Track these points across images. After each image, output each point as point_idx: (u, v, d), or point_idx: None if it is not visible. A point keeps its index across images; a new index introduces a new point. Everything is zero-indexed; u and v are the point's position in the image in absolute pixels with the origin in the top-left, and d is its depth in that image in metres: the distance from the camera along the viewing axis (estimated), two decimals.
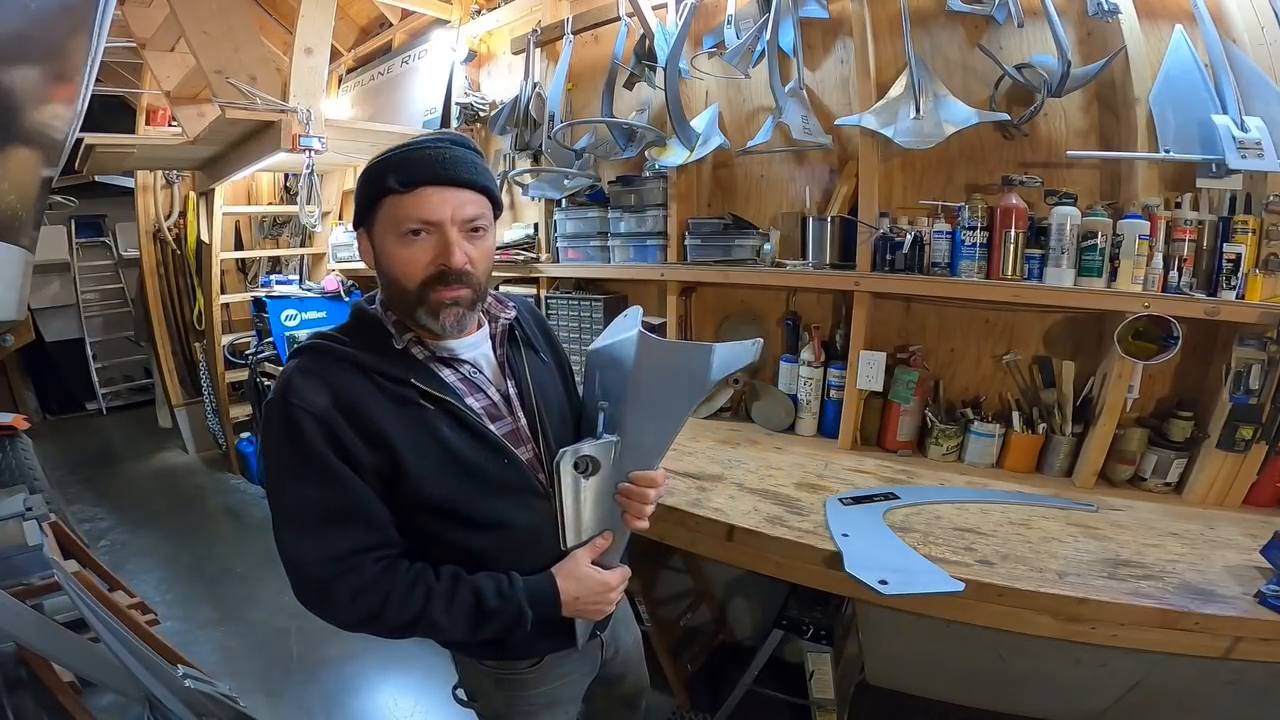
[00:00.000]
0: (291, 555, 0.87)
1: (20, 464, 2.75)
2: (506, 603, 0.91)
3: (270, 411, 0.88)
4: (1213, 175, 1.41)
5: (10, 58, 1.46)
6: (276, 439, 0.87)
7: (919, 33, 1.74)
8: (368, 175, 0.90)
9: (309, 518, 0.87)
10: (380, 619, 0.87)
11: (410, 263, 0.87)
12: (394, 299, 0.92)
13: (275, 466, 0.89)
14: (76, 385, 5.68)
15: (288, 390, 0.86)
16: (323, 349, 0.91)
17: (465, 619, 0.89)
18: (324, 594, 0.87)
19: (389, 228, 0.88)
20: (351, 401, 0.87)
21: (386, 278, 0.91)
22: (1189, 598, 1.12)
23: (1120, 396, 1.56)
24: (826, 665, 1.75)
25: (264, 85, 2.44)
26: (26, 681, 1.64)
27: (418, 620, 0.88)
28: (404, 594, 0.87)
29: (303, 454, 0.85)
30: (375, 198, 0.88)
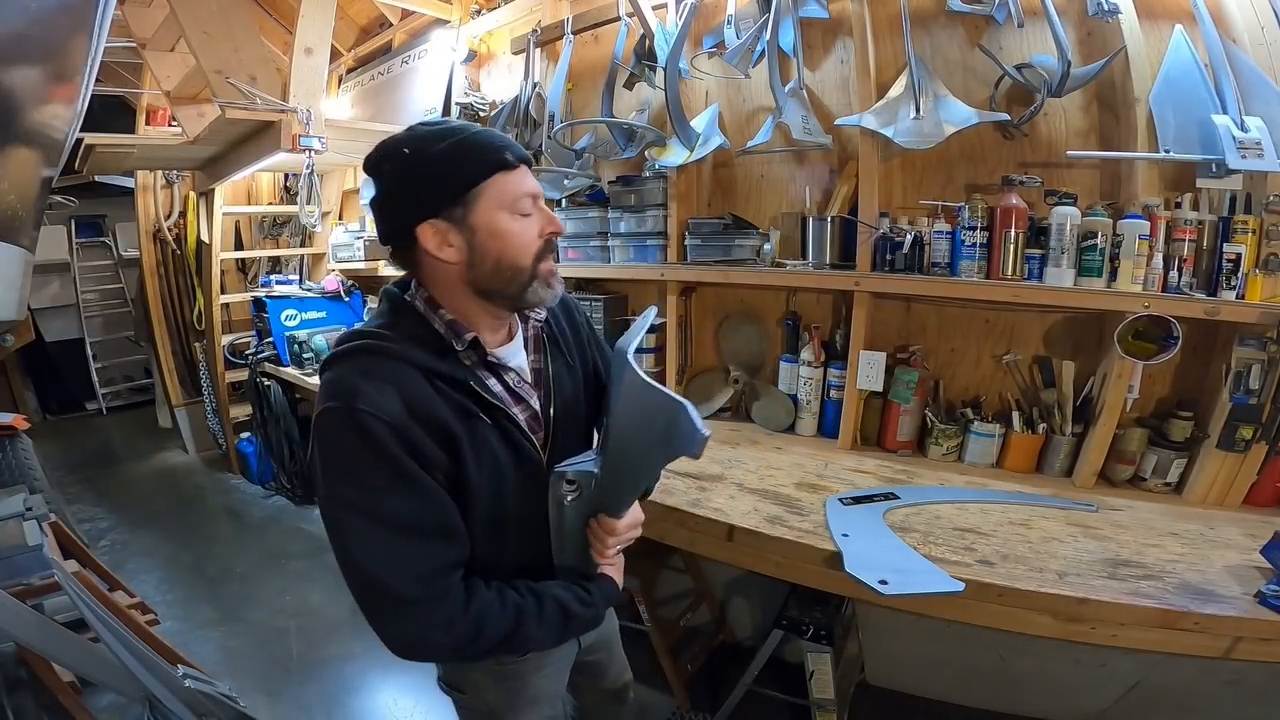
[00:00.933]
0: (373, 575, 0.80)
1: (20, 464, 2.74)
2: (588, 609, 0.93)
3: (332, 421, 0.81)
4: (1213, 175, 1.41)
5: (10, 58, 1.46)
6: (345, 450, 0.80)
7: (919, 33, 1.74)
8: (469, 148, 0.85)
9: (394, 531, 0.81)
10: (475, 643, 0.84)
11: (527, 236, 0.87)
12: (503, 282, 0.88)
13: (344, 479, 0.81)
14: (76, 385, 5.67)
15: (355, 397, 0.79)
16: (379, 349, 0.85)
17: (554, 630, 0.91)
18: (414, 621, 0.81)
19: (502, 205, 0.85)
20: (425, 408, 0.83)
21: (495, 260, 0.86)
22: (1189, 598, 1.12)
23: (1120, 396, 1.56)
24: (826, 665, 1.75)
25: (264, 85, 2.44)
26: (26, 681, 1.64)
27: (511, 638, 0.86)
28: (497, 615, 0.85)
29: (381, 463, 0.79)
30: (480, 176, 0.84)
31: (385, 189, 0.89)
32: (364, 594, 0.82)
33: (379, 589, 0.81)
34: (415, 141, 0.85)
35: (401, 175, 0.86)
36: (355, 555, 0.81)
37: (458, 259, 0.86)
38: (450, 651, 0.85)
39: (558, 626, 0.90)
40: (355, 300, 3.72)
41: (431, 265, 0.88)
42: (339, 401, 0.80)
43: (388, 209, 0.90)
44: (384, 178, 0.88)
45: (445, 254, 0.86)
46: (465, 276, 0.88)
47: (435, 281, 0.90)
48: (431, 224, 0.85)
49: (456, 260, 0.86)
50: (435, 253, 0.86)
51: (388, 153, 0.86)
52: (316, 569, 3.01)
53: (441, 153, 0.84)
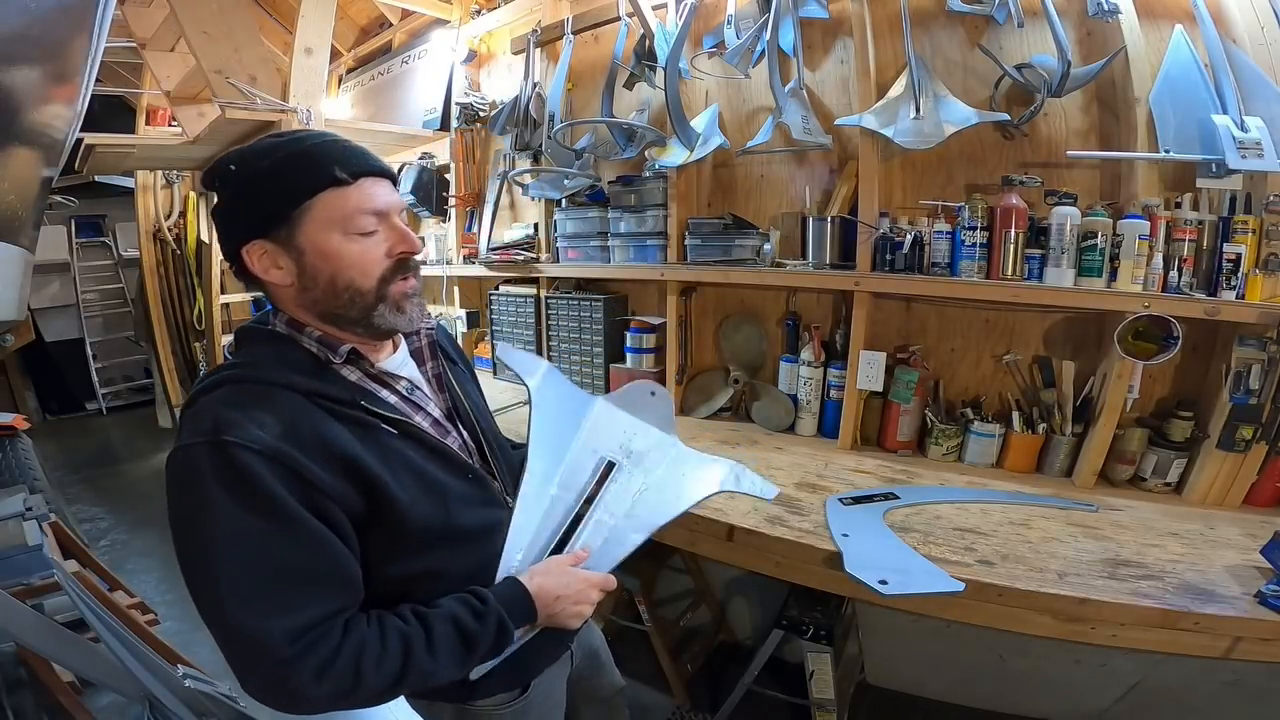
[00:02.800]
0: (247, 632, 0.68)
1: (20, 464, 2.75)
2: (484, 620, 0.81)
3: (192, 458, 0.71)
4: (1213, 175, 1.41)
5: (10, 58, 1.46)
6: (210, 490, 0.69)
7: (919, 33, 1.74)
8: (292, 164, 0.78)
9: (268, 583, 0.70)
10: (358, 689, 0.72)
11: (366, 258, 0.81)
12: (343, 307, 0.81)
13: (209, 523, 0.70)
14: (76, 385, 5.68)
15: (221, 428, 0.70)
16: (244, 378, 0.77)
17: (452, 653, 0.78)
18: (285, 678, 0.69)
19: (332, 225, 0.79)
20: (310, 428, 0.75)
21: (334, 283, 0.80)
22: (1189, 598, 1.12)
23: (1120, 396, 1.56)
24: (826, 665, 1.75)
25: (264, 85, 2.44)
26: (26, 681, 1.64)
27: (402, 676, 0.75)
28: (378, 652, 0.74)
29: (253, 503, 0.70)
30: (305, 195, 0.78)
31: (216, 205, 0.83)
32: (233, 653, 0.70)
33: (248, 647, 0.69)
34: (244, 156, 0.80)
35: (229, 193, 0.81)
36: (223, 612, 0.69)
37: (288, 281, 0.81)
38: (330, 701, 0.72)
39: (453, 646, 0.78)
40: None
41: (270, 288, 0.83)
42: (201, 436, 0.71)
43: (219, 228, 0.84)
44: (216, 194, 0.82)
45: (273, 276, 0.81)
46: (299, 300, 0.82)
47: (280, 302, 0.84)
48: (258, 244, 0.80)
49: (287, 283, 0.81)
50: (263, 275, 0.81)
51: (219, 166, 0.81)
52: None
53: (265, 170, 0.79)
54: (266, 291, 0.85)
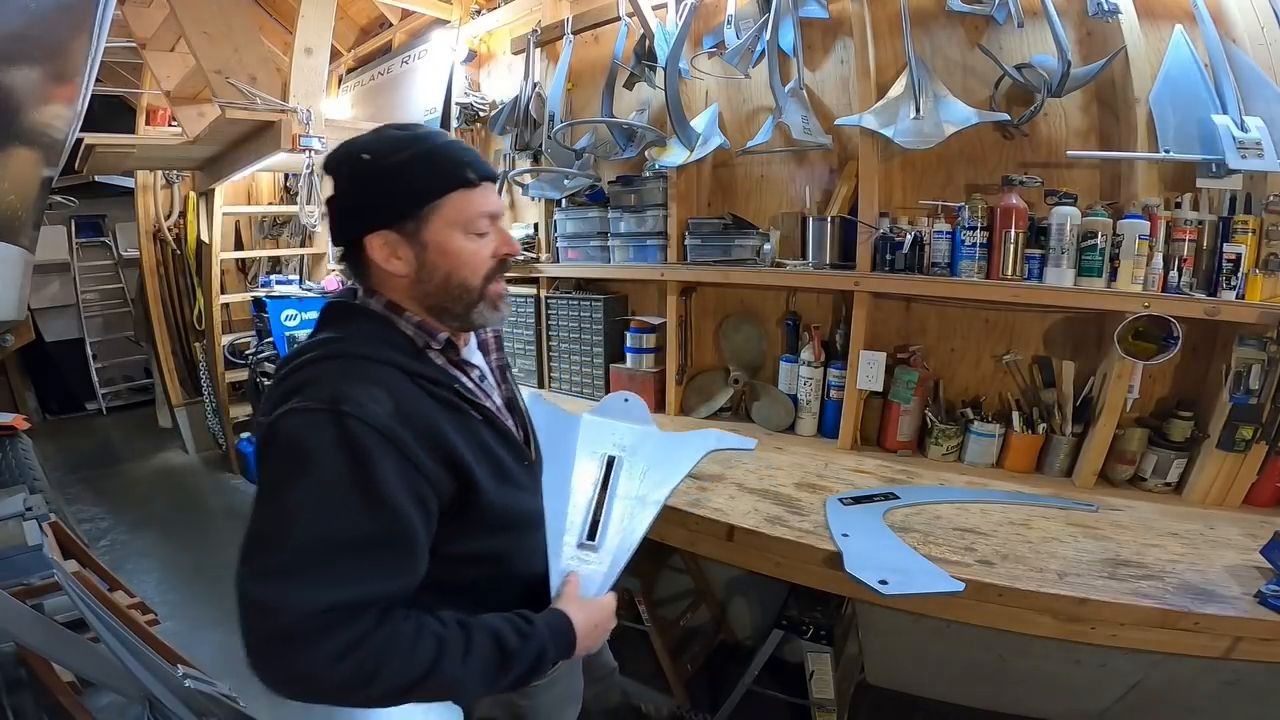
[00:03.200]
0: (270, 598, 0.67)
1: (20, 464, 2.74)
2: (528, 642, 0.80)
3: (309, 424, 0.71)
4: (1213, 175, 1.41)
5: (10, 58, 1.46)
6: (318, 455, 0.70)
7: (919, 33, 1.74)
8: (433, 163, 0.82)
9: (328, 553, 0.70)
10: (372, 683, 0.69)
11: (478, 258, 0.85)
12: (447, 297, 0.86)
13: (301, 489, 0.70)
14: (76, 385, 5.67)
15: (341, 399, 0.71)
16: (357, 353, 0.79)
17: (486, 666, 0.76)
18: (295, 649, 0.66)
19: (456, 225, 0.83)
20: (416, 411, 0.77)
21: (443, 277, 0.84)
22: (1189, 598, 1.12)
23: (1120, 396, 1.56)
24: (826, 665, 1.75)
25: (264, 85, 2.44)
26: (26, 681, 1.64)
27: (425, 677, 0.72)
28: (406, 650, 0.71)
29: (355, 477, 0.70)
30: (439, 191, 0.82)
31: (340, 192, 0.85)
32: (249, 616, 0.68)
33: (265, 614, 0.67)
34: (377, 147, 0.82)
35: (358, 181, 0.83)
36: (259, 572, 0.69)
37: (405, 272, 0.84)
38: (341, 689, 0.68)
39: (490, 663, 0.77)
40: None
41: (379, 274, 0.86)
42: (320, 404, 0.71)
43: (340, 212, 0.87)
44: (341, 180, 0.84)
45: (393, 266, 0.84)
46: (412, 291, 0.86)
47: (387, 289, 0.87)
48: (382, 235, 0.82)
49: (404, 273, 0.84)
50: (383, 264, 0.84)
51: (348, 154, 0.83)
52: None
53: (401, 163, 0.81)
54: (371, 278, 0.87)
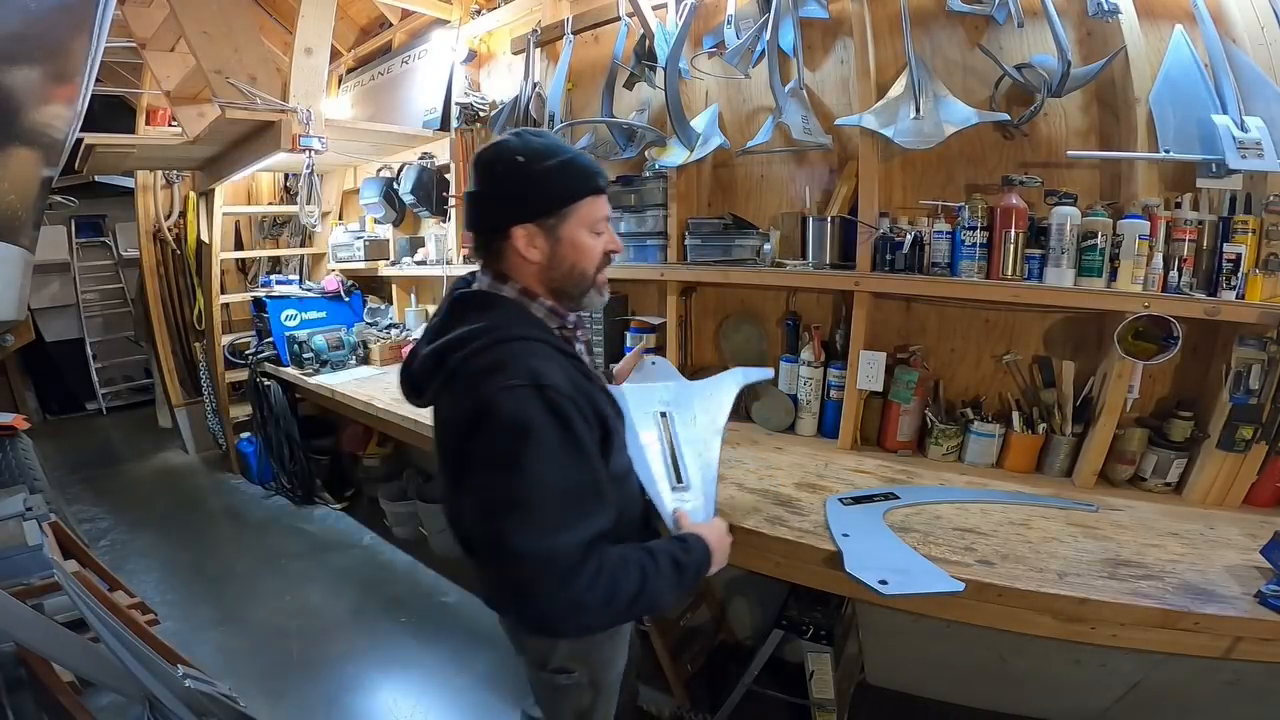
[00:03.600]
0: (544, 549, 0.84)
1: (20, 464, 2.74)
2: (689, 555, 1.02)
3: (522, 400, 0.86)
4: (1213, 175, 1.41)
5: (10, 58, 1.46)
6: (539, 426, 0.85)
7: (919, 33, 1.74)
8: (573, 171, 0.98)
9: (573, 502, 0.87)
10: (612, 601, 0.88)
11: (595, 252, 1.03)
12: (568, 285, 1.03)
13: (534, 455, 0.85)
14: (76, 385, 5.67)
15: (540, 377, 0.87)
16: (527, 335, 0.95)
17: (670, 582, 0.97)
18: (569, 583, 0.84)
19: (584, 223, 1.00)
20: (573, 379, 0.93)
21: (569, 266, 1.01)
22: (1189, 598, 1.12)
23: (1120, 396, 1.56)
24: (826, 665, 1.75)
25: (264, 85, 2.44)
26: (26, 681, 1.64)
27: (640, 592, 0.91)
28: (623, 572, 0.90)
29: (566, 439, 0.87)
30: (578, 196, 0.99)
31: (491, 186, 0.99)
32: (528, 568, 0.84)
33: (544, 562, 0.84)
34: (529, 152, 0.97)
35: (512, 178, 0.97)
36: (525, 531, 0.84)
37: (539, 260, 1.00)
38: (596, 610, 0.87)
39: (672, 578, 0.97)
40: (355, 300, 3.72)
41: (516, 260, 1.01)
42: (523, 380, 0.87)
43: (490, 204, 1.01)
44: (494, 177, 0.98)
45: (530, 254, 0.99)
46: (540, 276, 1.02)
47: (521, 275, 1.02)
48: (526, 227, 0.98)
49: (537, 261, 1.00)
50: (522, 251, 0.99)
51: (502, 155, 0.98)
52: (316, 569, 3.01)
53: (551, 169, 0.97)
54: (505, 262, 1.02)
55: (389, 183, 3.28)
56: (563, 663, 1.16)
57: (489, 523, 0.87)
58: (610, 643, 1.21)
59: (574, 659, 1.17)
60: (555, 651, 1.15)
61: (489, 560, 0.95)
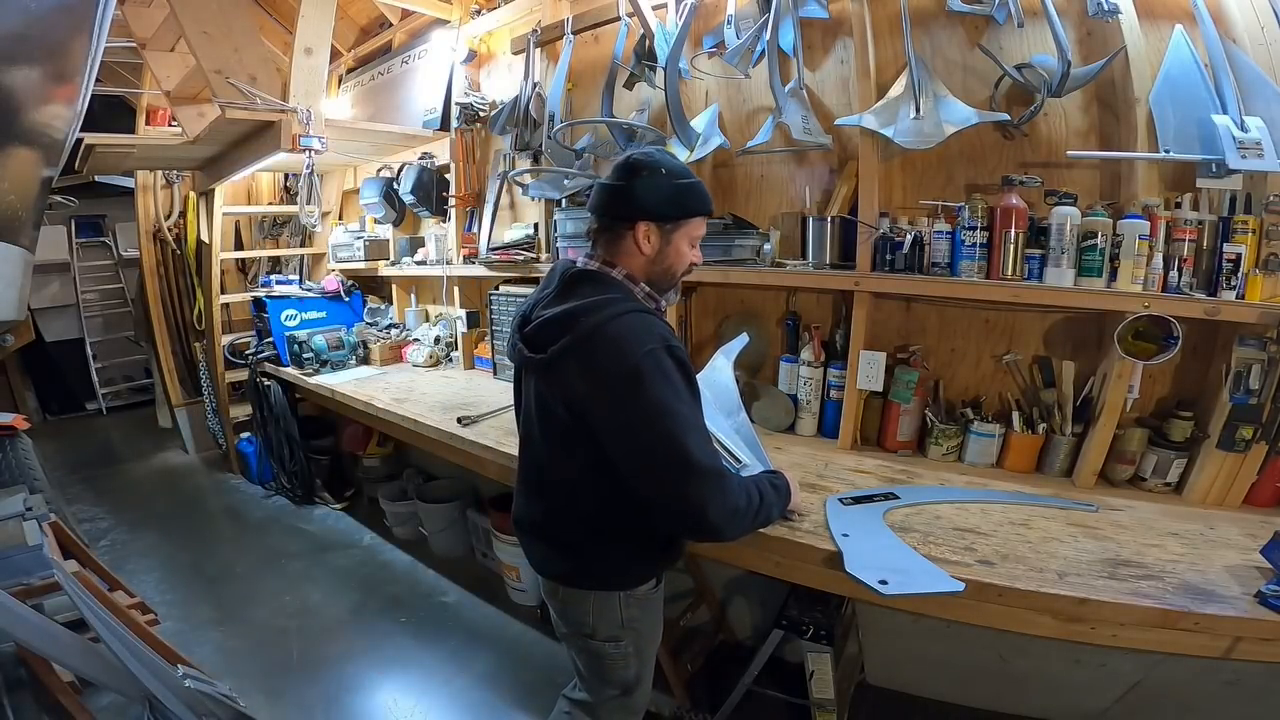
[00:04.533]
0: (714, 464, 1.09)
1: (20, 464, 2.74)
2: (780, 480, 1.31)
3: (661, 356, 1.07)
4: (1213, 175, 1.41)
5: (10, 58, 1.46)
6: (672, 374, 1.08)
7: (919, 33, 1.74)
8: (696, 194, 1.20)
9: (703, 432, 1.11)
10: (746, 508, 1.14)
11: (686, 259, 1.24)
12: (660, 280, 1.23)
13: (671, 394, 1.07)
14: (76, 385, 5.67)
15: (668, 337, 1.11)
16: (646, 310, 1.16)
17: (772, 498, 1.24)
18: (724, 485, 1.09)
19: (688, 236, 1.22)
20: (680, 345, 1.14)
21: (665, 265, 1.22)
22: (1189, 598, 1.12)
23: (1120, 396, 1.56)
24: (826, 665, 1.75)
25: (264, 85, 2.44)
26: (26, 681, 1.64)
27: (759, 506, 1.18)
28: (742, 486, 1.15)
29: (690, 382, 1.11)
30: (695, 213, 1.21)
31: (630, 185, 1.17)
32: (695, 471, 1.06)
33: (704, 466, 1.06)
34: (670, 167, 1.19)
35: (654, 184, 1.16)
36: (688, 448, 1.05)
37: (648, 254, 1.20)
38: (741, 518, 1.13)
39: (774, 498, 1.24)
40: (355, 300, 3.72)
41: (629, 248, 1.20)
42: (658, 343, 1.08)
43: (627, 197, 1.18)
44: (636, 178, 1.17)
45: (644, 246, 1.19)
46: (644, 266, 1.21)
47: (628, 261, 1.21)
48: (649, 225, 1.18)
49: (647, 254, 1.20)
50: (639, 243, 1.19)
51: (647, 164, 1.18)
52: (316, 569, 3.01)
53: (686, 186, 1.19)
54: (619, 246, 1.21)
55: (389, 183, 3.28)
56: (614, 631, 1.29)
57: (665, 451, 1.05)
58: (654, 613, 1.36)
59: (626, 628, 1.29)
60: (605, 620, 1.28)
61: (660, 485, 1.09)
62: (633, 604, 1.28)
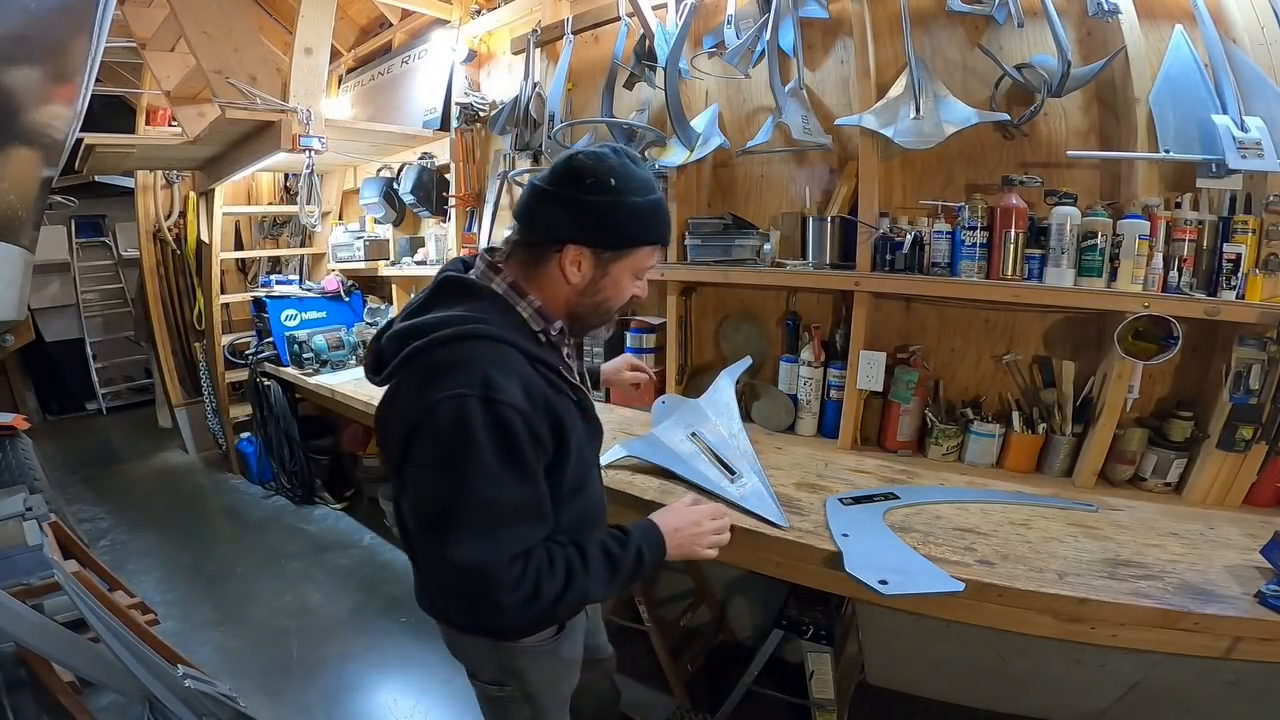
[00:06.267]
0: (481, 560, 0.84)
1: (20, 464, 2.74)
2: (627, 550, 0.99)
3: (467, 410, 0.84)
4: (1213, 175, 1.41)
5: (10, 58, 1.46)
6: (481, 440, 0.84)
7: (919, 33, 1.74)
8: (653, 218, 0.96)
9: (506, 518, 0.87)
10: (536, 599, 0.88)
11: (626, 294, 1.02)
12: (587, 315, 1.02)
13: (473, 468, 0.84)
14: (76, 385, 5.67)
15: (491, 388, 0.84)
16: (496, 335, 0.91)
17: (602, 575, 0.95)
18: (493, 591, 0.85)
19: (632, 268, 0.99)
20: (538, 392, 0.90)
21: (601, 299, 1.00)
22: (1189, 598, 1.12)
23: (1120, 396, 1.56)
24: (826, 665, 1.75)
25: (264, 85, 2.44)
26: (26, 681, 1.64)
27: (566, 589, 0.91)
28: (549, 570, 0.90)
29: (510, 455, 0.85)
30: (645, 242, 0.98)
31: (565, 196, 0.93)
32: (466, 576, 0.86)
33: (481, 572, 0.85)
34: (624, 179, 0.92)
35: (596, 199, 0.91)
36: (464, 541, 0.84)
37: (576, 283, 0.97)
38: (516, 611, 0.87)
39: (602, 573, 0.96)
40: (355, 300, 3.72)
41: (552, 274, 0.97)
42: (475, 390, 0.84)
43: (555, 211, 0.94)
44: (575, 188, 0.92)
45: (569, 274, 0.96)
46: (566, 297, 0.99)
47: (547, 286, 0.98)
48: (580, 249, 0.94)
49: (574, 284, 0.97)
50: (565, 270, 0.96)
51: (593, 172, 0.91)
52: (316, 569, 3.01)
53: (641, 208, 0.94)
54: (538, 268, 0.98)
55: (389, 183, 3.28)
56: (496, 676, 1.13)
57: (423, 523, 0.89)
58: (545, 662, 1.14)
59: (505, 673, 1.13)
60: (484, 664, 1.13)
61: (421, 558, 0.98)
62: (516, 655, 1.10)
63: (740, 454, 1.63)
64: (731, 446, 1.66)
